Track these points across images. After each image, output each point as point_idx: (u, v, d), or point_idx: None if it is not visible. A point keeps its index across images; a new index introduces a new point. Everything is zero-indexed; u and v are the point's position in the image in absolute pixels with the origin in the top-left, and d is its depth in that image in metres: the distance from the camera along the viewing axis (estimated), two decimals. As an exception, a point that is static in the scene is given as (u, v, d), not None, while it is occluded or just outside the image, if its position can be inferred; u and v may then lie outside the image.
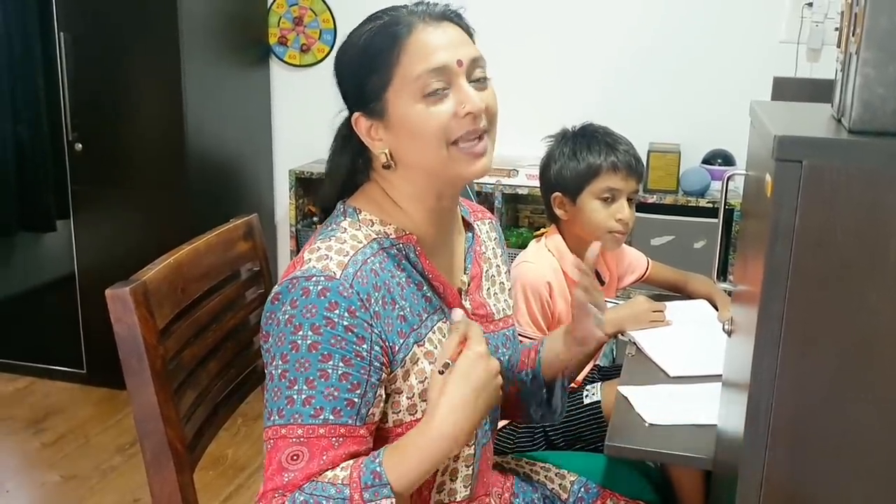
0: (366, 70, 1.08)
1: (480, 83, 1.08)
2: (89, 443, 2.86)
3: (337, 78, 1.14)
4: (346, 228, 1.10)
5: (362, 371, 1.01)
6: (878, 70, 0.89)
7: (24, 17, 3.00)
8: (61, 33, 2.93)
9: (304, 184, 3.30)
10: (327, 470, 0.98)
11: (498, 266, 1.31)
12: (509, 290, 1.32)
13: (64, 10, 2.92)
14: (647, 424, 1.40)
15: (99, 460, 2.74)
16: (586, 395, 1.74)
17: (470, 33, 1.12)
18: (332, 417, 0.99)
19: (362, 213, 1.12)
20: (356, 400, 1.00)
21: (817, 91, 1.40)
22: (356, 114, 1.11)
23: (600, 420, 1.68)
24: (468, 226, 1.26)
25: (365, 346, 1.01)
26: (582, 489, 1.44)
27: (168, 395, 1.15)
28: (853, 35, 0.94)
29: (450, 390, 1.01)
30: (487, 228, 1.32)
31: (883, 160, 0.86)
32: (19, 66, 3.03)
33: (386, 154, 1.09)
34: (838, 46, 1.04)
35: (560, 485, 1.44)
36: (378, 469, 0.98)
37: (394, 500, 0.97)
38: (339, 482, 0.97)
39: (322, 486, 0.97)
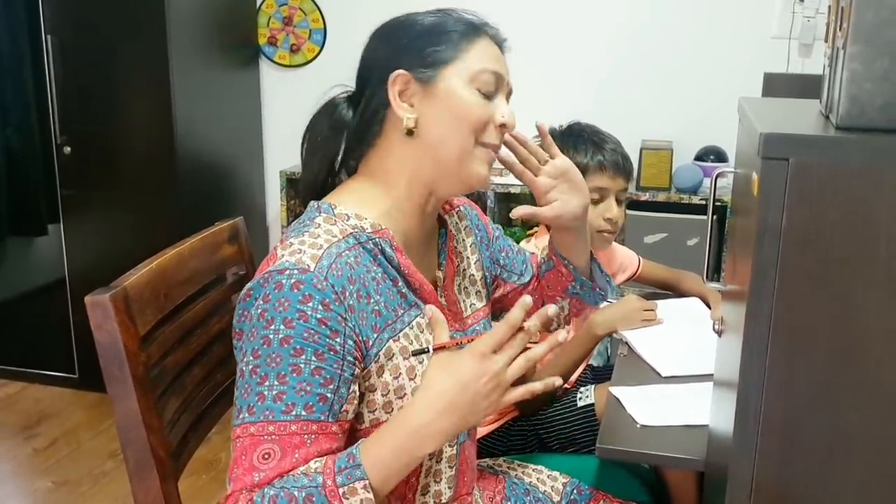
0: (433, 40, 1.11)
1: None
2: (81, 448, 2.84)
3: (383, 36, 1.15)
4: (320, 224, 1.08)
5: (335, 366, 0.99)
6: (866, 65, 0.87)
7: (12, 21, 2.98)
8: (48, 37, 2.91)
9: (295, 185, 3.28)
10: (300, 467, 0.97)
11: (468, 258, 1.29)
12: (481, 279, 1.31)
13: (51, 14, 2.90)
14: (638, 425, 1.39)
15: (91, 466, 2.72)
16: (580, 398, 1.72)
17: None
18: (304, 413, 0.97)
19: (338, 208, 1.10)
20: (329, 395, 0.98)
21: (808, 87, 1.39)
22: (399, 71, 1.10)
23: (593, 423, 1.67)
24: (441, 221, 1.25)
25: (338, 339, 0.99)
26: (574, 491, 1.43)
27: (151, 403, 1.13)
28: (840, 30, 0.92)
29: (429, 382, 0.99)
30: (456, 219, 1.31)
31: (871, 157, 0.85)
32: (7, 70, 3.01)
33: (414, 120, 1.09)
34: (826, 41, 1.02)
35: (552, 487, 1.43)
36: (354, 451, 0.96)
37: (368, 482, 0.94)
38: (312, 471, 0.96)
39: (293, 478, 0.95)
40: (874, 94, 0.88)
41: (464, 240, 1.30)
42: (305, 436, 0.97)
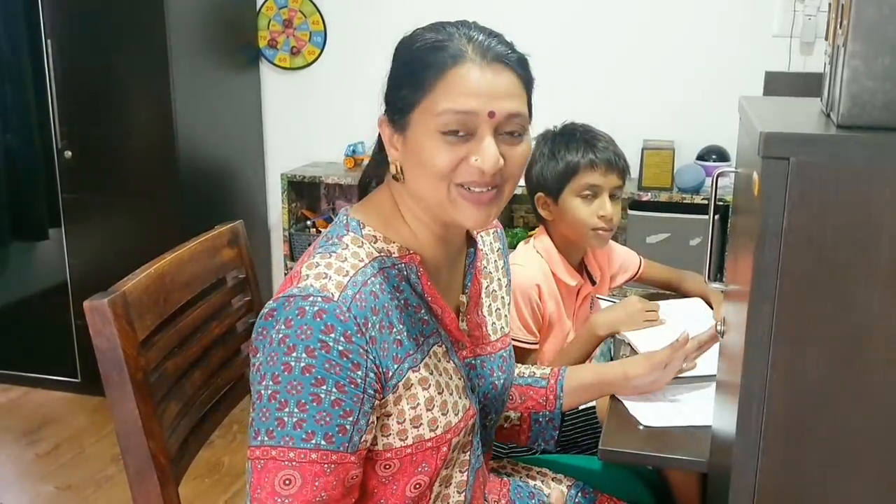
0: (403, 81, 1.03)
1: (513, 137, 1.03)
2: (84, 452, 2.84)
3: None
4: (347, 244, 1.05)
5: (355, 399, 0.97)
6: (867, 62, 0.87)
7: (11, 25, 2.98)
8: (48, 40, 2.91)
9: (296, 188, 3.28)
10: (321, 494, 0.96)
11: (499, 279, 1.27)
12: (509, 304, 1.30)
13: (51, 17, 2.90)
14: (641, 427, 1.38)
15: (94, 470, 2.72)
16: (581, 400, 1.71)
17: (527, 83, 1.06)
18: (323, 443, 0.96)
19: (366, 227, 1.07)
20: (348, 427, 0.97)
21: (809, 85, 1.38)
22: (383, 116, 1.07)
23: (595, 425, 1.66)
24: (471, 240, 1.21)
25: (360, 372, 0.97)
26: (579, 494, 1.42)
27: (151, 408, 1.13)
28: (840, 27, 0.92)
29: None
30: (491, 239, 1.29)
31: (872, 155, 0.84)
32: (7, 74, 3.01)
33: (397, 166, 1.06)
34: (826, 39, 1.02)
35: (557, 490, 1.42)
36: None
37: None
38: None
39: None
40: (875, 91, 0.87)
41: (496, 261, 1.28)
42: (325, 465, 0.96)
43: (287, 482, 0.95)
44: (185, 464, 1.24)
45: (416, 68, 1.02)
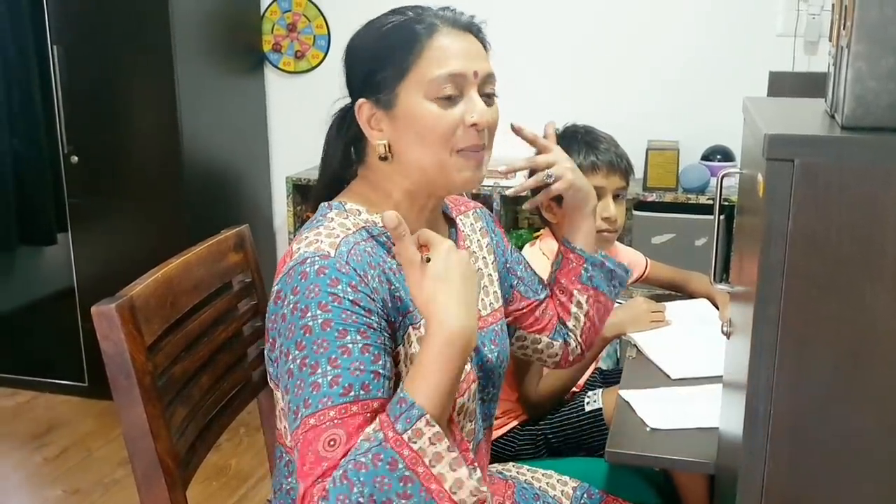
0: (381, 60, 1.08)
1: (489, 98, 1.11)
2: (92, 456, 2.84)
3: (346, 62, 1.15)
4: (333, 218, 1.09)
5: (378, 341, 0.99)
6: (870, 63, 0.87)
7: (18, 31, 2.99)
8: (55, 46, 2.92)
9: (301, 191, 3.28)
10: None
11: (484, 258, 1.29)
12: (498, 280, 1.30)
13: (57, 24, 2.91)
14: (648, 429, 1.38)
15: (101, 474, 2.73)
16: (587, 402, 1.71)
17: (487, 49, 1.13)
18: (362, 393, 0.95)
19: (349, 204, 1.12)
20: (381, 371, 0.98)
21: (813, 85, 1.38)
22: (361, 100, 1.10)
23: (602, 427, 1.66)
24: (450, 221, 1.24)
25: (374, 318, 1.00)
26: (584, 495, 1.42)
27: (158, 412, 1.13)
28: (844, 28, 0.92)
29: (434, 293, 0.97)
30: (471, 220, 1.30)
31: (877, 156, 0.84)
32: (14, 81, 3.03)
33: (385, 146, 1.09)
34: (830, 40, 1.02)
35: (562, 491, 1.42)
36: (402, 395, 0.93)
37: (428, 416, 0.92)
38: (371, 433, 0.92)
39: (356, 448, 0.92)
40: (880, 92, 0.87)
41: (479, 240, 1.30)
42: (368, 414, 0.95)
43: (332, 442, 0.93)
44: (193, 467, 1.24)
45: (392, 45, 1.08)
